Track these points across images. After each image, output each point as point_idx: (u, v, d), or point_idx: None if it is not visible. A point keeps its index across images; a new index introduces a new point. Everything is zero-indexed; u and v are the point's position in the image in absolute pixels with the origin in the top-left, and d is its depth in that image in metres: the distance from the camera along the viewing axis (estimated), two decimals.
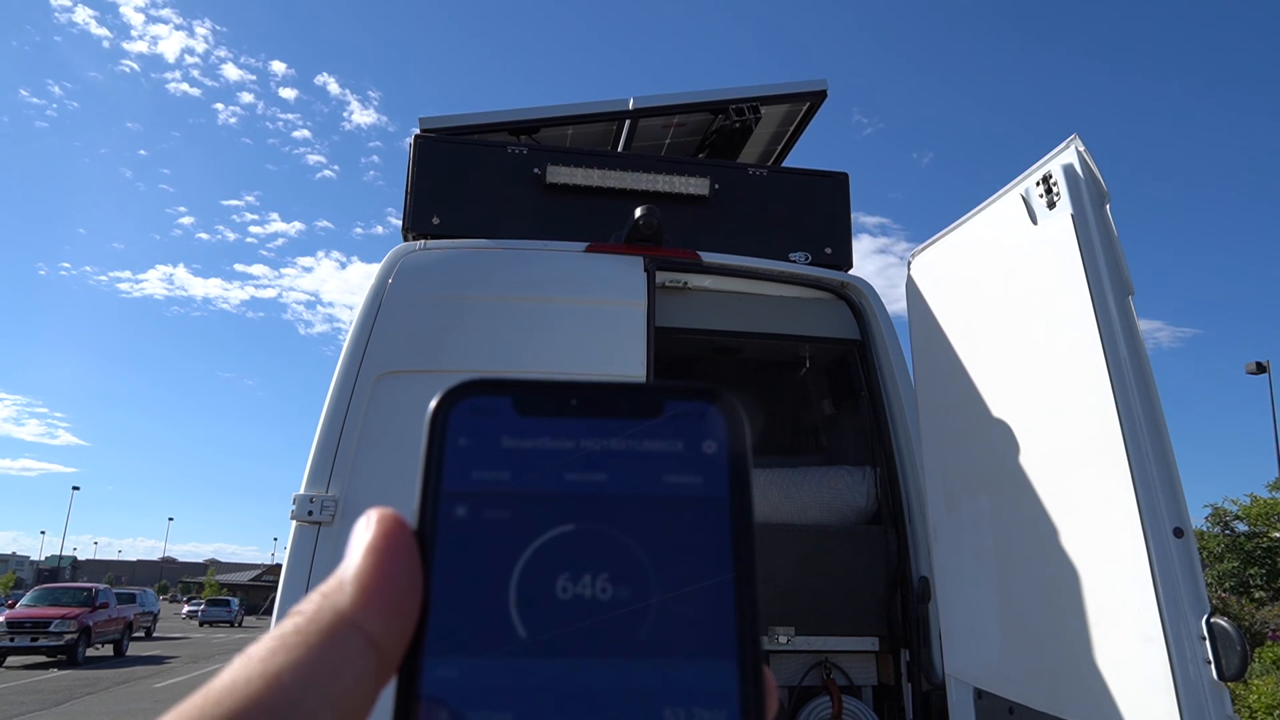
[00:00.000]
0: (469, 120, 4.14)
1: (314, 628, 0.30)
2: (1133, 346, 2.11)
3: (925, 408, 3.12)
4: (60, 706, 13.04)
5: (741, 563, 0.33)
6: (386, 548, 0.32)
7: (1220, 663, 1.85)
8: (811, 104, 4.68)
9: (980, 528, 2.72)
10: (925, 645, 3.28)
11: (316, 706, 0.29)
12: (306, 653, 0.29)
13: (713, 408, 0.34)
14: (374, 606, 0.31)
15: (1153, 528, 1.97)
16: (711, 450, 0.34)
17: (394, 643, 0.31)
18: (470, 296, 3.20)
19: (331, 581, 0.32)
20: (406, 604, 0.31)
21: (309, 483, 2.86)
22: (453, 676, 0.30)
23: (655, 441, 0.34)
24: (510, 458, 0.34)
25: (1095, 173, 2.27)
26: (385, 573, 0.32)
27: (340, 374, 3.01)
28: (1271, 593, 15.72)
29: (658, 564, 0.32)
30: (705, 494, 0.33)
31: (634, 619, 0.31)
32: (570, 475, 0.33)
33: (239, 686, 0.28)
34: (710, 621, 0.31)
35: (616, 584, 0.32)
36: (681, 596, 0.32)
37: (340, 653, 0.30)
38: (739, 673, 0.31)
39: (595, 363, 3.13)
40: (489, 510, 0.33)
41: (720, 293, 3.72)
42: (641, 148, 4.88)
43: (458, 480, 0.33)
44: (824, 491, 3.70)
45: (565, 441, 0.34)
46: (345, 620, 0.31)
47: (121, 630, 23.03)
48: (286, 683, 0.29)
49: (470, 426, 0.34)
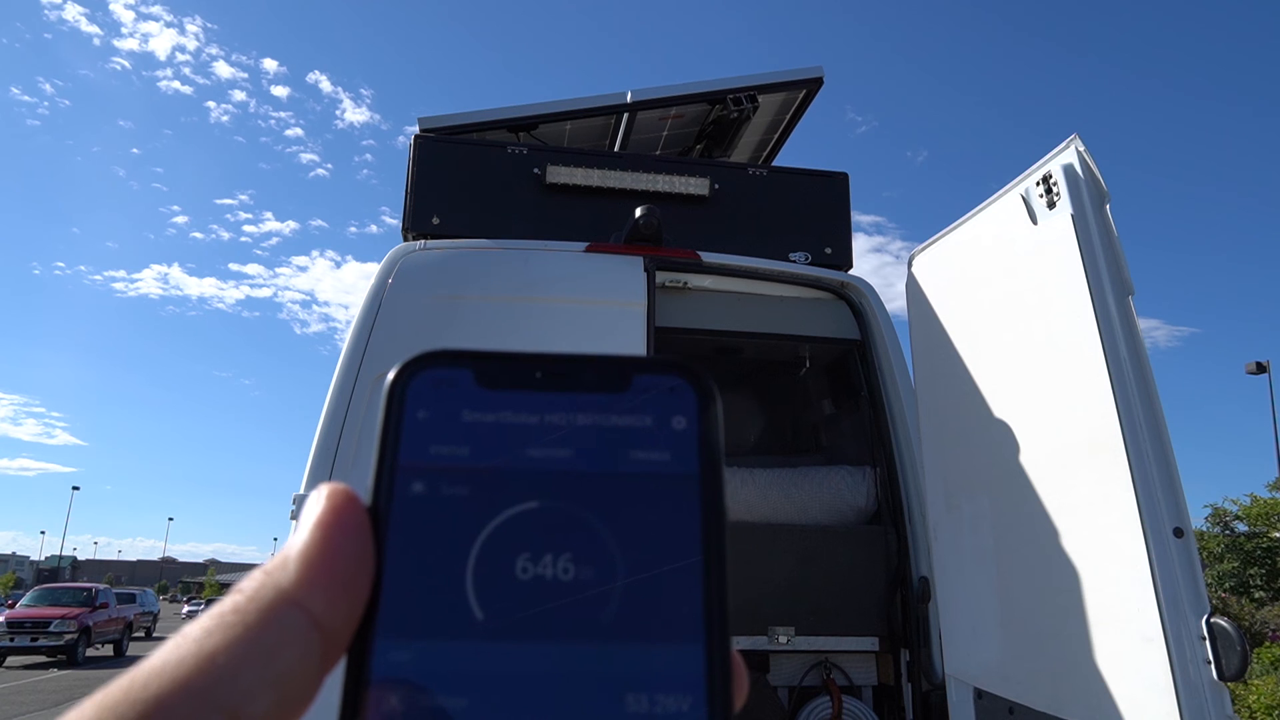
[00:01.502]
0: (468, 119, 4.14)
1: (253, 606, 0.29)
2: (1133, 346, 2.11)
3: (925, 408, 3.12)
4: (60, 706, 13.04)
5: (711, 544, 0.31)
6: (335, 523, 0.31)
7: (1220, 663, 1.85)
8: (808, 91, 4.70)
9: (980, 528, 2.72)
10: (925, 645, 3.28)
11: (253, 687, 0.27)
12: (244, 632, 0.28)
13: (683, 382, 0.33)
14: (319, 584, 0.29)
15: (1153, 528, 1.97)
16: (681, 426, 0.32)
17: (340, 623, 0.29)
18: (470, 297, 3.20)
19: (276, 559, 0.31)
20: (355, 583, 0.30)
21: (309, 482, 2.86)
22: (405, 659, 0.29)
23: (623, 416, 0.32)
24: (471, 432, 0.32)
25: (1095, 173, 2.27)
26: (332, 549, 0.30)
27: (340, 374, 3.01)
28: (1271, 593, 15.73)
29: (623, 544, 0.31)
30: (674, 471, 0.32)
31: (597, 601, 0.30)
32: (533, 451, 0.32)
33: (169, 667, 0.27)
34: (677, 604, 0.30)
35: (579, 565, 0.30)
36: (648, 578, 0.30)
37: (280, 633, 0.28)
38: (706, 658, 0.29)
39: None
40: (447, 486, 0.31)
41: (720, 293, 3.72)
42: (639, 140, 4.89)
43: (415, 454, 0.32)
44: (824, 491, 3.70)
45: (529, 416, 0.32)
46: (287, 599, 0.29)
47: (121, 630, 23.01)
48: (221, 663, 0.27)
49: (430, 399, 0.32)
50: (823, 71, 4.58)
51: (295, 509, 2.81)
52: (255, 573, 0.30)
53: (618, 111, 4.46)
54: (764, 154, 5.34)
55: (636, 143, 4.90)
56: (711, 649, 0.30)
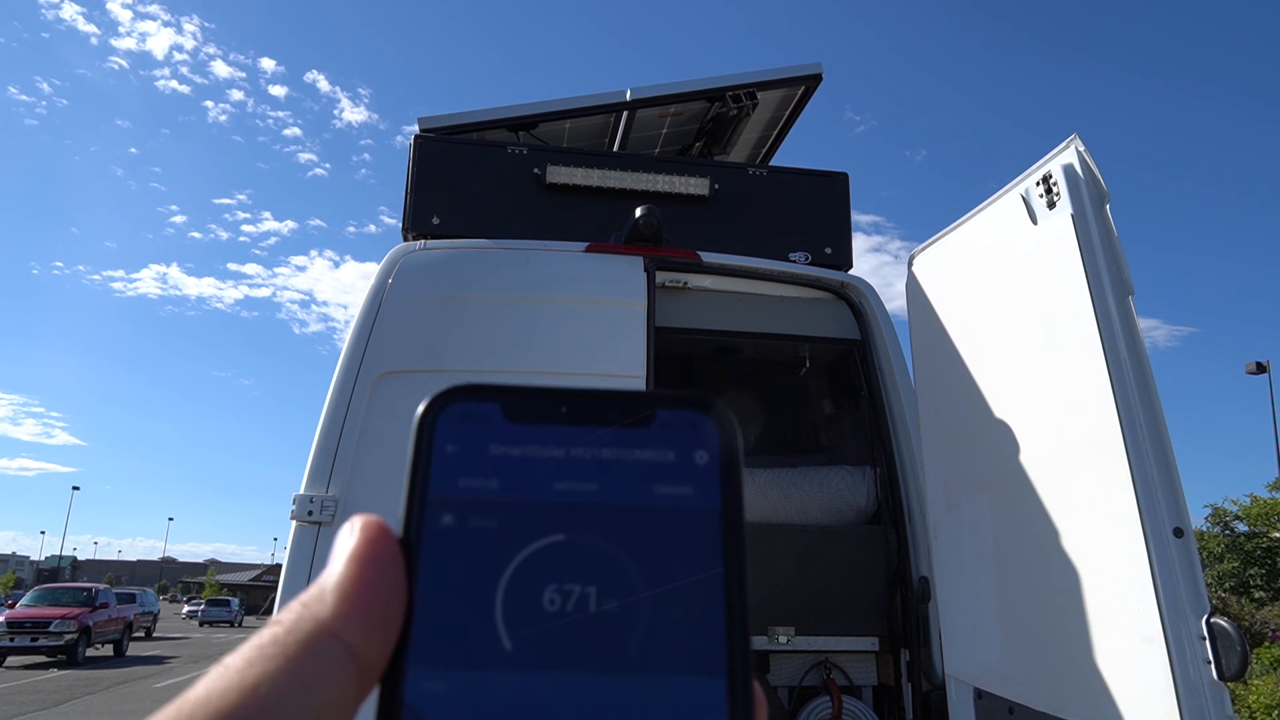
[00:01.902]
0: (467, 118, 4.15)
1: (293, 638, 0.29)
2: (1133, 346, 2.12)
3: (925, 408, 3.12)
4: (60, 706, 13.04)
5: (732, 577, 0.32)
6: (369, 556, 0.31)
7: (1220, 663, 1.85)
8: (807, 88, 4.70)
9: (980, 528, 2.72)
10: (925, 645, 3.28)
11: (294, 718, 0.28)
12: (284, 664, 0.29)
13: (705, 417, 0.34)
14: (355, 616, 0.30)
15: (1153, 528, 1.97)
16: (704, 461, 0.33)
17: (375, 654, 0.30)
18: (470, 297, 3.20)
19: (312, 590, 0.31)
20: (389, 614, 0.31)
21: (309, 483, 2.86)
22: (436, 689, 0.30)
23: (646, 451, 0.33)
24: (498, 465, 0.33)
25: (1095, 173, 2.28)
26: (367, 582, 0.31)
27: (340, 374, 3.01)
28: (1271, 593, 15.74)
29: (647, 577, 0.32)
30: (696, 506, 0.33)
31: (622, 633, 0.31)
32: (559, 484, 0.33)
33: (214, 698, 0.28)
34: (700, 636, 0.31)
35: (605, 597, 0.31)
36: (671, 610, 0.31)
37: (319, 664, 0.29)
38: (728, 689, 0.30)
39: (595, 363, 3.13)
40: (476, 519, 0.32)
41: (720, 293, 3.72)
42: (639, 138, 4.89)
43: (444, 487, 0.33)
44: (824, 491, 3.70)
45: (555, 449, 0.33)
46: (325, 630, 0.30)
47: (121, 630, 23.02)
48: (263, 694, 0.28)
49: (458, 432, 0.33)
50: (821, 68, 4.59)
51: (295, 509, 2.82)
52: (293, 604, 0.31)
53: (617, 110, 4.47)
54: (763, 150, 5.34)
55: (636, 140, 4.91)
56: (734, 681, 0.30)
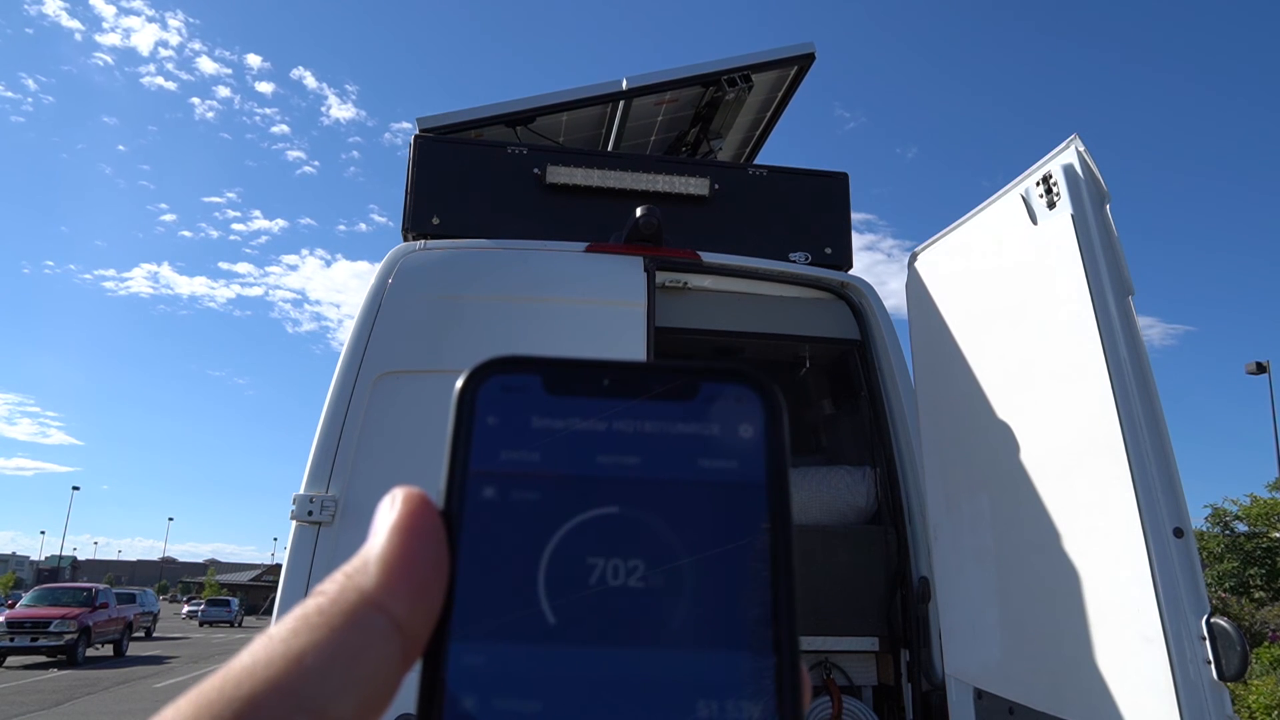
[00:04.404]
0: (465, 115, 4.16)
1: (337, 609, 0.29)
2: (1133, 346, 2.12)
3: (925, 408, 3.12)
4: (60, 706, 13.04)
5: (779, 552, 0.31)
6: (412, 528, 0.31)
7: (1220, 663, 1.85)
8: (800, 68, 4.75)
9: (980, 528, 2.72)
10: (925, 645, 3.28)
11: (340, 688, 0.28)
12: (330, 634, 0.28)
13: (749, 390, 0.33)
14: (399, 588, 0.30)
15: (1153, 528, 1.97)
16: (748, 435, 0.33)
17: (419, 626, 0.30)
18: (470, 297, 3.20)
19: (355, 561, 0.31)
20: (432, 586, 0.30)
21: (309, 483, 2.86)
22: (479, 662, 0.29)
23: (690, 424, 0.33)
24: (540, 438, 0.32)
25: (1095, 173, 2.28)
26: (410, 554, 0.30)
27: (340, 374, 3.01)
28: (1271, 593, 15.73)
29: (691, 551, 0.31)
30: (741, 479, 0.32)
31: (666, 607, 0.30)
32: (602, 457, 0.32)
33: (259, 667, 0.27)
34: (746, 612, 0.30)
35: (649, 571, 0.31)
36: (716, 585, 0.31)
37: (365, 635, 0.29)
38: (776, 667, 0.30)
39: None
40: (518, 491, 0.32)
41: (720, 293, 3.73)
42: (636, 126, 4.93)
43: (486, 460, 0.32)
44: (824, 491, 3.70)
45: (597, 422, 0.33)
46: (369, 601, 0.30)
47: (121, 630, 23.02)
48: (309, 664, 0.28)
49: (499, 405, 0.33)
50: (814, 47, 4.64)
51: (295, 509, 2.81)
52: (336, 575, 0.31)
53: (615, 99, 4.50)
54: (758, 132, 5.42)
55: (633, 129, 4.96)
56: (781, 657, 0.30)
